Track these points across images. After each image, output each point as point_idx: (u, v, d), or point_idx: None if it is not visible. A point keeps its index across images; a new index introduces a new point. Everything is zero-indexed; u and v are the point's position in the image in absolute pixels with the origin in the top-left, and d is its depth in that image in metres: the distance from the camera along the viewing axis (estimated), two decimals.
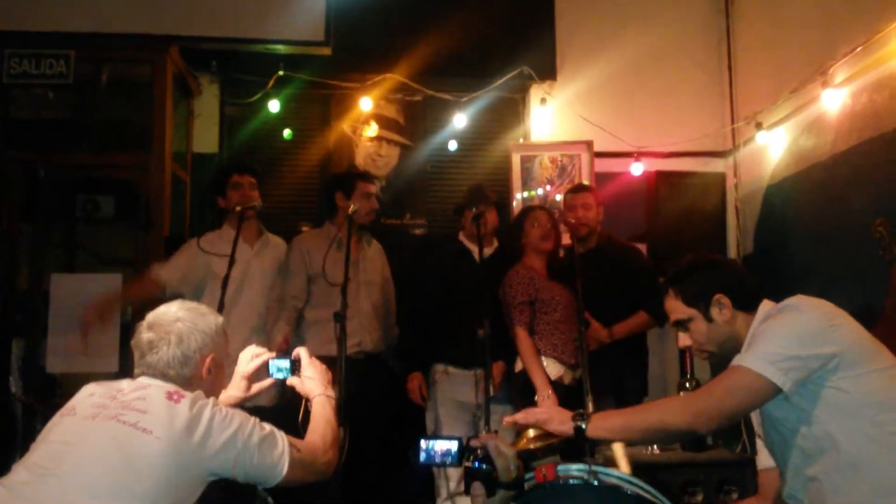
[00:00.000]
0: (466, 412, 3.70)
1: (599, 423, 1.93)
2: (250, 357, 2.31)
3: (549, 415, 2.00)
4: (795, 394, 1.87)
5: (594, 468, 1.83)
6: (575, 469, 1.84)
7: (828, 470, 1.88)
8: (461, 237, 3.95)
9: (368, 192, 3.87)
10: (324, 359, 3.52)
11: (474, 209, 3.72)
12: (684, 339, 2.16)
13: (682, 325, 2.10)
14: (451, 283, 3.79)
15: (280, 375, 2.28)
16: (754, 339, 1.92)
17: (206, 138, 4.92)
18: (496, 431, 2.56)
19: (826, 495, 1.89)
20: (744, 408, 1.87)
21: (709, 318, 2.04)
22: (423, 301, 3.87)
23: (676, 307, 2.09)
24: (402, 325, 3.93)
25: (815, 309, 1.95)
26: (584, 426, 1.92)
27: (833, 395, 1.86)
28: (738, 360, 1.88)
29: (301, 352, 2.31)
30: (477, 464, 1.78)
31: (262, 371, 2.32)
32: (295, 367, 2.29)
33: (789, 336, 1.86)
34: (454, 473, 3.49)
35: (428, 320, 3.79)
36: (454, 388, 3.69)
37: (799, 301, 1.98)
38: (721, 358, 2.07)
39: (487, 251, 3.83)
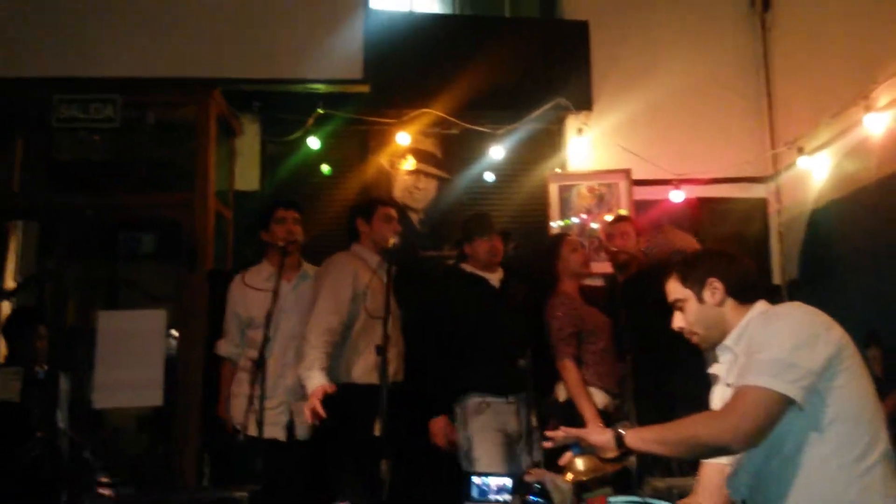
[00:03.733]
0: (507, 441, 3.59)
1: (636, 435, 2.00)
2: None
3: (586, 431, 2.06)
4: None
5: (646, 500, 1.81)
6: (626, 501, 1.82)
7: (778, 472, 1.93)
8: (468, 267, 3.75)
9: (388, 215, 3.84)
10: (367, 388, 3.55)
11: (487, 237, 3.70)
12: (678, 320, 2.21)
13: (678, 305, 2.21)
14: (476, 313, 3.62)
15: None
16: (758, 348, 1.94)
17: (247, 176, 5.02)
18: (538, 462, 2.53)
19: (766, 494, 1.96)
20: (769, 425, 1.87)
21: (700, 300, 2.15)
22: (447, 333, 3.62)
23: (674, 288, 2.21)
24: (426, 360, 3.65)
25: (811, 314, 2.00)
26: (623, 432, 1.99)
27: (814, 400, 1.89)
28: (753, 380, 1.89)
29: None
30: (534, 497, 1.78)
31: None
32: None
33: (794, 346, 1.90)
34: None
35: (455, 352, 3.57)
36: (495, 417, 3.54)
37: (796, 307, 2.06)
38: (707, 343, 2.17)
39: (497, 278, 3.76)
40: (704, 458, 2.19)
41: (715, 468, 2.17)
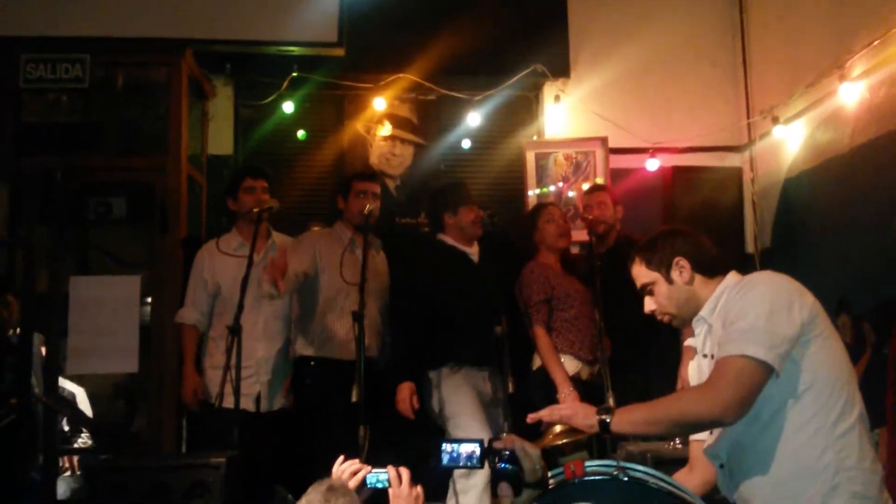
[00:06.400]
0: (481, 400, 3.52)
1: (623, 417, 1.96)
2: (349, 474, 1.97)
3: (573, 410, 2.03)
4: None
5: (621, 464, 1.84)
6: (602, 465, 1.85)
7: (757, 438, 1.94)
8: (449, 240, 3.73)
9: (362, 189, 3.84)
10: (329, 361, 3.58)
11: (471, 206, 3.68)
12: (649, 304, 2.21)
13: (647, 289, 2.20)
14: (455, 288, 3.61)
15: (380, 486, 1.95)
16: (736, 317, 1.95)
17: (220, 140, 4.93)
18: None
19: (745, 459, 1.97)
20: (754, 393, 1.88)
21: (669, 280, 2.15)
22: (422, 305, 3.59)
23: (640, 272, 2.20)
24: (399, 330, 3.68)
25: (784, 281, 2.02)
26: (608, 420, 1.94)
27: (789, 366, 1.90)
28: (734, 349, 1.89)
29: (403, 473, 1.96)
30: (503, 465, 1.79)
31: None
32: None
33: (770, 313, 1.91)
34: (472, 486, 3.32)
35: (431, 324, 3.56)
36: (466, 379, 3.53)
37: (769, 275, 2.08)
38: (681, 321, 2.18)
39: (475, 251, 3.75)
40: (694, 434, 2.21)
41: (702, 442, 2.19)
